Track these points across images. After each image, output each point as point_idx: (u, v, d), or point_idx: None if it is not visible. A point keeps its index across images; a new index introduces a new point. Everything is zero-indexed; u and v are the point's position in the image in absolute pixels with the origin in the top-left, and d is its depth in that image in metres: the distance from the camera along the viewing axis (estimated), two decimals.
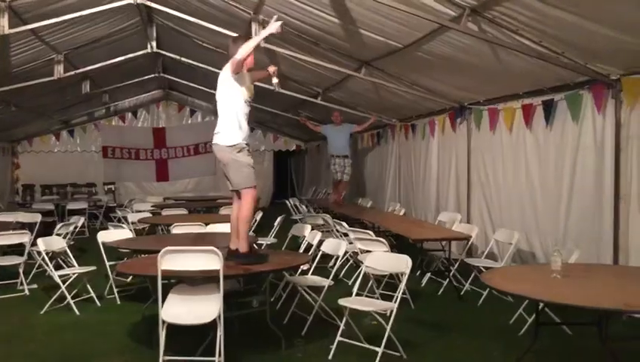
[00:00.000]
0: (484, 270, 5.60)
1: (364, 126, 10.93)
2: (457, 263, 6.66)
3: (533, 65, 5.45)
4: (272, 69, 4.99)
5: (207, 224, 6.92)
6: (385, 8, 5.32)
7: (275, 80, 5.04)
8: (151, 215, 9.41)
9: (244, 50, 4.56)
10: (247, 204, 4.56)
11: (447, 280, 6.50)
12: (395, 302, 4.39)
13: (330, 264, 6.52)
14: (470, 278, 6.39)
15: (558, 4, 4.26)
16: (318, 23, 6.54)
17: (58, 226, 7.42)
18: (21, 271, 6.66)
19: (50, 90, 10.49)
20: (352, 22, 6.15)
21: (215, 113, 4.85)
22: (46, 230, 8.14)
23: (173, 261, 3.95)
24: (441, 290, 6.47)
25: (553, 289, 3.64)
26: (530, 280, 3.98)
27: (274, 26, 4.72)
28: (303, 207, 11.52)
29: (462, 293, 6.34)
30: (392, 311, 4.35)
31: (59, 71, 8.79)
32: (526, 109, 6.57)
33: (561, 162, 6.06)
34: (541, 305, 4.10)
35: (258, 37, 4.93)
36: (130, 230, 7.15)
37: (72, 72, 9.13)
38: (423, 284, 6.72)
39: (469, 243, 6.78)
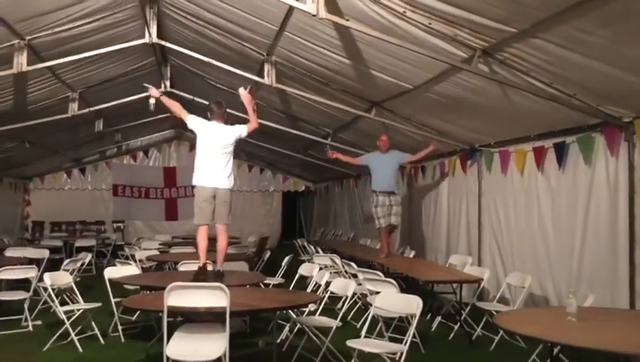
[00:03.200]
0: (495, 314, 5.47)
1: (420, 155, 8.37)
2: (468, 307, 6.52)
3: (545, 106, 5.45)
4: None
5: (214, 262, 6.84)
6: (396, 49, 5.38)
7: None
8: (159, 253, 9.35)
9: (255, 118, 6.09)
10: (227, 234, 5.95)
11: (458, 324, 6.35)
12: (405, 344, 4.28)
13: (338, 306, 6.42)
14: (482, 323, 6.23)
15: (570, 45, 4.28)
16: (329, 63, 6.62)
17: (65, 262, 7.38)
18: (26, 306, 6.60)
19: (63, 127, 10.64)
20: (363, 63, 6.23)
21: None
22: (53, 267, 8.10)
23: (179, 297, 3.89)
24: (452, 334, 6.31)
25: (569, 332, 3.53)
26: (544, 322, 3.86)
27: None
28: (311, 247, 11.43)
29: (473, 338, 6.18)
30: (401, 354, 4.23)
31: (73, 109, 8.93)
32: (537, 151, 6.54)
33: (573, 205, 5.99)
34: (556, 349, 3.97)
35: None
36: (138, 267, 7.09)
37: (86, 110, 9.28)
38: (433, 328, 6.57)
39: (481, 286, 6.65)
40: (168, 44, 7.35)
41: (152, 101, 6.22)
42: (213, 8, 6.35)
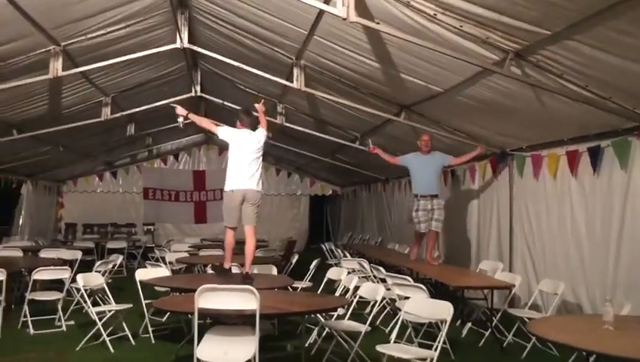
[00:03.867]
0: (527, 321, 5.37)
1: (465, 158, 7.93)
2: (499, 313, 6.41)
3: (579, 110, 5.34)
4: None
5: (242, 265, 6.88)
6: (426, 52, 5.35)
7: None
8: (188, 255, 9.44)
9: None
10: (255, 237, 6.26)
11: (489, 330, 6.25)
12: (435, 350, 4.22)
13: (367, 310, 6.38)
14: (513, 329, 6.13)
15: (606, 47, 4.19)
16: (358, 67, 6.61)
17: (97, 263, 7.51)
18: (59, 306, 6.73)
19: (96, 131, 10.84)
20: (393, 66, 6.20)
21: None
22: (85, 268, 8.24)
23: (209, 299, 3.92)
24: (483, 341, 6.21)
25: (605, 341, 3.44)
26: (579, 330, 3.78)
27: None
28: (339, 251, 11.40)
29: (504, 345, 6.08)
30: (431, 360, 4.18)
31: (106, 113, 9.10)
32: (571, 156, 6.41)
33: (608, 210, 5.84)
34: (592, 358, 3.87)
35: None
36: (168, 269, 7.17)
37: (119, 114, 9.44)
38: (463, 334, 6.48)
39: (512, 293, 6.54)
40: (199, 49, 7.43)
41: (180, 120, 6.54)
42: (244, 13, 6.40)
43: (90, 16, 6.19)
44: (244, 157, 6.10)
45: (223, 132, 6.33)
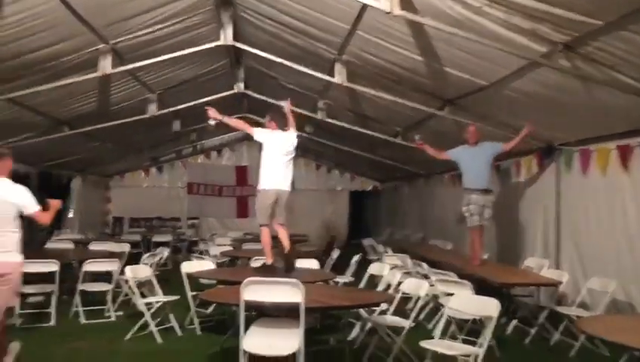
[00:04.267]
0: (576, 319, 5.25)
1: (516, 140, 7.26)
2: (546, 311, 6.28)
3: (631, 102, 5.17)
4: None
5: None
6: (471, 45, 5.27)
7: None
8: (232, 249, 9.58)
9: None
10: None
11: (536, 328, 6.13)
12: (480, 347, 4.18)
13: (409, 306, 6.35)
14: (560, 328, 6.00)
15: None
16: (401, 61, 6.56)
17: (145, 256, 7.71)
18: (109, 297, 6.94)
19: (143, 128, 11.09)
20: (437, 60, 6.13)
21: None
22: (132, 260, 8.46)
23: (255, 291, 3.97)
24: (529, 339, 6.11)
25: None
26: (632, 329, 3.67)
27: None
28: (380, 247, 11.36)
29: (552, 343, 5.96)
30: (477, 357, 4.14)
31: (152, 109, 9.31)
32: (622, 150, 6.22)
33: None
34: None
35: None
36: (212, 262, 7.31)
37: (164, 111, 9.64)
38: (508, 331, 6.38)
39: (559, 290, 6.40)
40: (242, 46, 7.52)
41: (211, 122, 6.73)
42: (286, 9, 6.44)
43: (137, 15, 6.33)
44: (279, 158, 6.36)
45: (259, 134, 6.53)
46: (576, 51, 4.76)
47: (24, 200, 4.73)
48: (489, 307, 4.24)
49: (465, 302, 4.66)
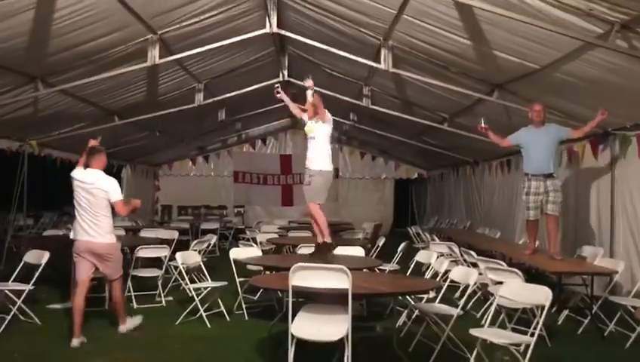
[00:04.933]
0: (632, 309, 5.08)
1: (586, 129, 6.67)
2: (600, 301, 6.09)
3: None
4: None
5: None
6: (522, 27, 5.12)
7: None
8: (278, 236, 9.68)
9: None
10: None
11: (589, 318, 5.96)
12: (532, 336, 4.09)
13: (457, 294, 6.28)
14: (615, 318, 5.81)
15: None
16: (449, 45, 6.43)
17: (194, 243, 7.86)
18: (159, 283, 7.12)
19: (190, 117, 11.29)
20: (486, 43, 5.97)
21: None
22: (182, 247, 8.64)
23: (303, 277, 4.00)
24: (581, 329, 5.94)
25: None
26: None
27: None
28: (426, 235, 11.25)
29: (605, 334, 5.78)
30: (527, 347, 4.05)
31: (199, 99, 9.46)
32: None
33: None
34: None
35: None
36: (259, 249, 7.39)
37: (211, 100, 9.77)
38: (560, 322, 6.22)
39: (614, 280, 6.19)
40: (287, 33, 7.52)
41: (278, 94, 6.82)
42: None
43: (184, 5, 6.43)
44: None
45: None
46: (634, 30, 4.56)
47: (112, 189, 5.45)
48: (540, 295, 4.13)
49: (515, 290, 4.55)
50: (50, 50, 6.37)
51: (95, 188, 5.38)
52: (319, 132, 6.31)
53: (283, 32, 7.44)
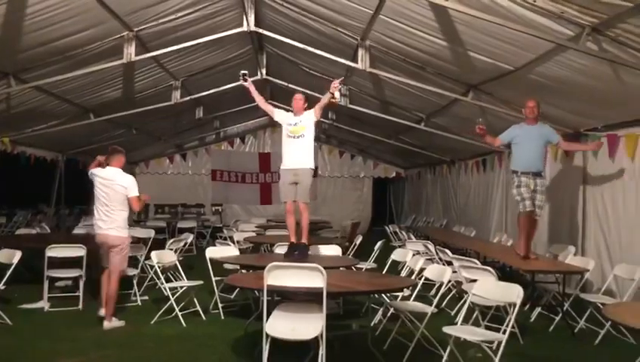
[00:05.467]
0: (601, 306, 5.18)
1: (575, 147, 7.03)
2: (571, 298, 6.21)
3: None
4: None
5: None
6: (496, 29, 5.19)
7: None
8: (255, 235, 9.66)
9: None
10: None
11: (560, 315, 6.07)
12: (504, 334, 4.15)
13: (432, 292, 6.34)
14: (585, 315, 5.93)
15: None
16: (425, 46, 6.49)
17: (169, 241, 7.81)
18: (135, 282, 7.06)
19: (167, 115, 11.22)
20: (461, 44, 6.05)
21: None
22: (158, 246, 8.58)
23: (278, 276, 4.01)
24: (553, 326, 6.05)
25: None
26: None
27: None
28: (403, 233, 11.34)
29: (576, 331, 5.90)
30: (499, 344, 4.11)
31: (176, 96, 9.40)
32: None
33: None
34: None
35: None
36: (236, 248, 7.38)
37: (188, 98, 9.72)
38: (532, 319, 6.33)
39: (585, 277, 6.32)
40: (265, 32, 7.51)
41: (242, 80, 6.52)
42: None
43: (160, 2, 6.39)
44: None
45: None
46: (604, 34, 4.67)
47: (129, 185, 5.93)
48: (512, 293, 4.20)
49: (488, 288, 4.62)
50: (24, 45, 6.29)
51: (115, 184, 5.89)
52: (309, 131, 6.18)
53: (260, 30, 7.44)
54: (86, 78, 7.78)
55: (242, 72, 6.38)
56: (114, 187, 5.90)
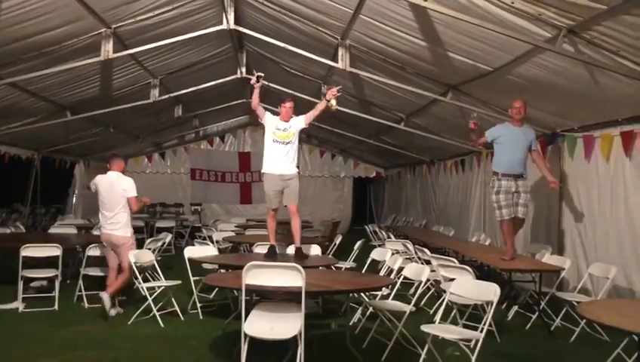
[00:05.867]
0: (577, 304, 5.25)
1: (542, 166, 6.72)
2: (547, 297, 6.29)
3: (635, 88, 5.14)
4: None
5: (288, 244, 6.96)
6: (475, 30, 5.23)
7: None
8: (235, 235, 9.61)
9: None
10: None
11: (536, 314, 6.15)
12: (481, 332, 4.19)
13: (411, 291, 6.37)
14: (561, 313, 6.01)
15: None
16: (404, 46, 6.52)
17: (147, 241, 7.73)
18: None
19: (145, 113, 11.11)
20: (440, 45, 6.09)
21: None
22: (136, 246, 8.49)
23: (256, 276, 3.99)
24: (529, 325, 6.12)
25: None
26: (632, 314, 3.68)
27: None
28: (383, 233, 11.38)
29: (552, 329, 5.97)
30: (477, 342, 4.15)
31: (154, 95, 9.30)
32: (626, 137, 6.18)
33: None
34: None
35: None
36: (215, 248, 7.33)
37: (166, 96, 9.63)
38: (509, 317, 6.40)
39: (561, 276, 6.41)
40: (245, 30, 7.48)
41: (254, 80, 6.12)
42: None
43: None
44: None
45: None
46: (580, 36, 4.73)
47: (129, 187, 6.39)
48: (489, 292, 4.24)
49: (465, 286, 4.65)
50: None
51: (116, 186, 6.35)
52: (296, 137, 6.17)
53: (240, 28, 7.40)
54: (63, 75, 7.67)
55: (258, 73, 6.06)
56: (115, 189, 6.33)
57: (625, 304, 4.74)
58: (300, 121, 6.15)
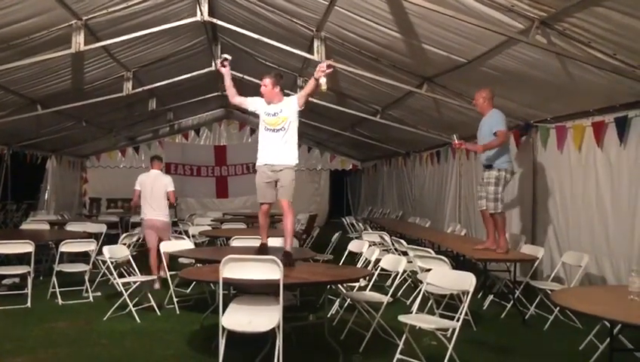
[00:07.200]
0: (551, 292, 5.34)
1: (489, 146, 6.30)
2: (522, 286, 6.39)
3: (606, 79, 5.22)
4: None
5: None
6: (449, 21, 5.26)
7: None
8: (211, 229, 9.55)
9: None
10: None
11: (511, 303, 6.24)
12: (458, 321, 4.24)
13: (388, 282, 6.41)
14: (535, 302, 6.11)
15: (635, 13, 4.07)
16: (379, 38, 6.53)
17: (122, 236, 7.64)
18: (86, 278, 6.87)
19: (118, 106, 10.93)
20: (415, 36, 6.10)
21: None
22: (110, 241, 8.38)
23: (234, 269, 3.97)
24: (505, 313, 6.21)
25: (631, 311, 3.41)
26: (604, 301, 3.76)
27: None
28: (360, 225, 11.43)
29: (526, 317, 6.07)
30: (453, 331, 4.20)
31: (128, 88, 9.16)
32: (597, 127, 6.29)
33: (635, 181, 5.74)
34: (616, 329, 3.85)
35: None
36: (191, 242, 7.28)
37: (140, 89, 9.48)
38: (485, 307, 6.48)
39: (535, 265, 6.51)
40: (219, 22, 7.39)
41: (221, 61, 5.57)
42: None
43: None
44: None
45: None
46: (552, 27, 4.78)
47: (168, 183, 7.83)
48: (465, 282, 4.29)
49: (442, 277, 4.70)
50: None
51: (157, 181, 7.77)
52: (292, 122, 5.39)
53: (214, 20, 7.31)
54: (32, 67, 7.49)
55: (224, 55, 5.50)
56: (157, 184, 7.72)
57: (597, 291, 4.83)
58: (293, 102, 5.39)
